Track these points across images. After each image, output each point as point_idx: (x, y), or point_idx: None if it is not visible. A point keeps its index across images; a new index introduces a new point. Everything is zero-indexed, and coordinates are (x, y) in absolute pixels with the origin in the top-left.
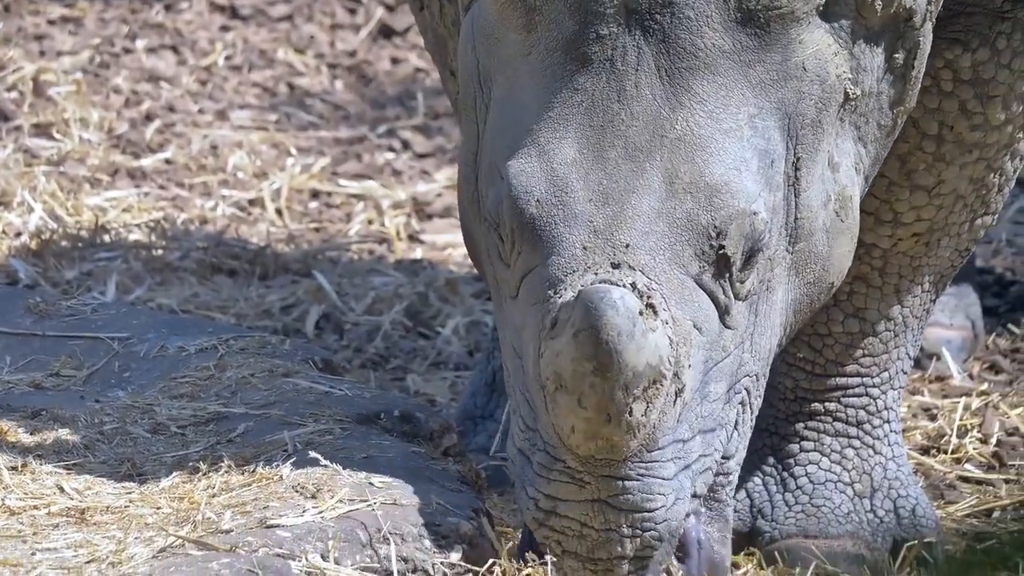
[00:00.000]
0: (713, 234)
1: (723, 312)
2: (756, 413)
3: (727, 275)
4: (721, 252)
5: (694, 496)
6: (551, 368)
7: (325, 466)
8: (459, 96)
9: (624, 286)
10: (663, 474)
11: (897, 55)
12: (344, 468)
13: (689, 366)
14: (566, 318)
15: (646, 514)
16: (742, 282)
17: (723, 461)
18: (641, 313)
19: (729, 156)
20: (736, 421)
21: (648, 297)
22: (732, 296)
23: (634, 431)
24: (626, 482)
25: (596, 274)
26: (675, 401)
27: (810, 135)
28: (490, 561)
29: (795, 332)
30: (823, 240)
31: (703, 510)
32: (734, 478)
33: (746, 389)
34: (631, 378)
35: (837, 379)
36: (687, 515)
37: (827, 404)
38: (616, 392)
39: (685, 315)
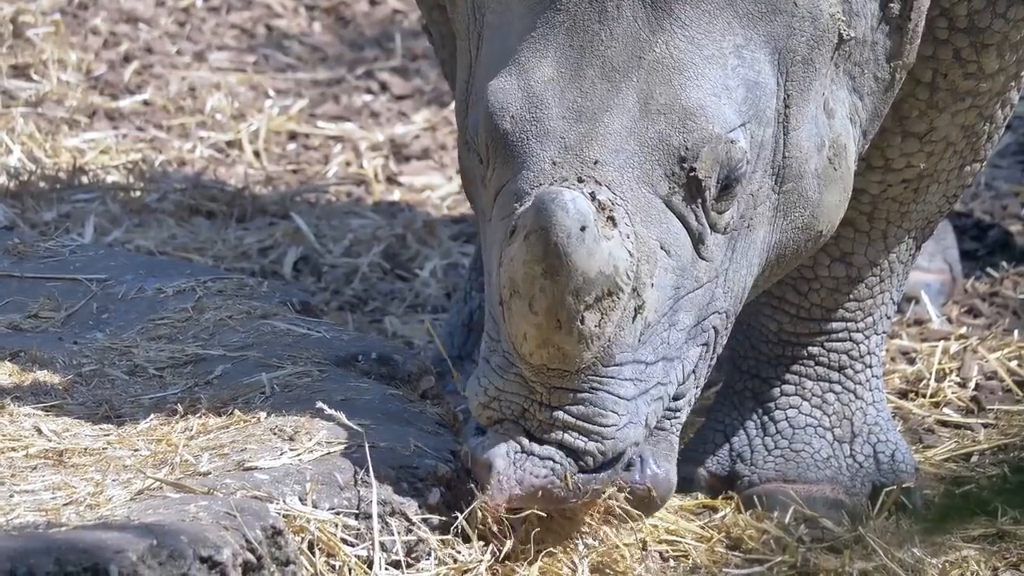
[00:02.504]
0: (684, 155)
1: (697, 240)
2: (719, 351)
3: (700, 201)
4: (692, 175)
5: (644, 426)
6: (506, 274)
7: (303, 409)
8: (458, 25)
9: (580, 191)
10: (619, 392)
11: (892, 4)
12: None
13: (652, 284)
14: (522, 223)
15: (596, 427)
16: (720, 212)
17: (673, 398)
18: (595, 218)
19: (708, 81)
20: (697, 360)
21: (610, 210)
22: (707, 225)
23: (587, 341)
24: (578, 394)
25: (562, 185)
26: (634, 318)
27: (801, 72)
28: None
29: (778, 277)
30: (814, 186)
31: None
32: (683, 416)
33: (713, 327)
34: (581, 283)
35: (821, 323)
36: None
37: (810, 348)
38: (566, 296)
39: (651, 234)
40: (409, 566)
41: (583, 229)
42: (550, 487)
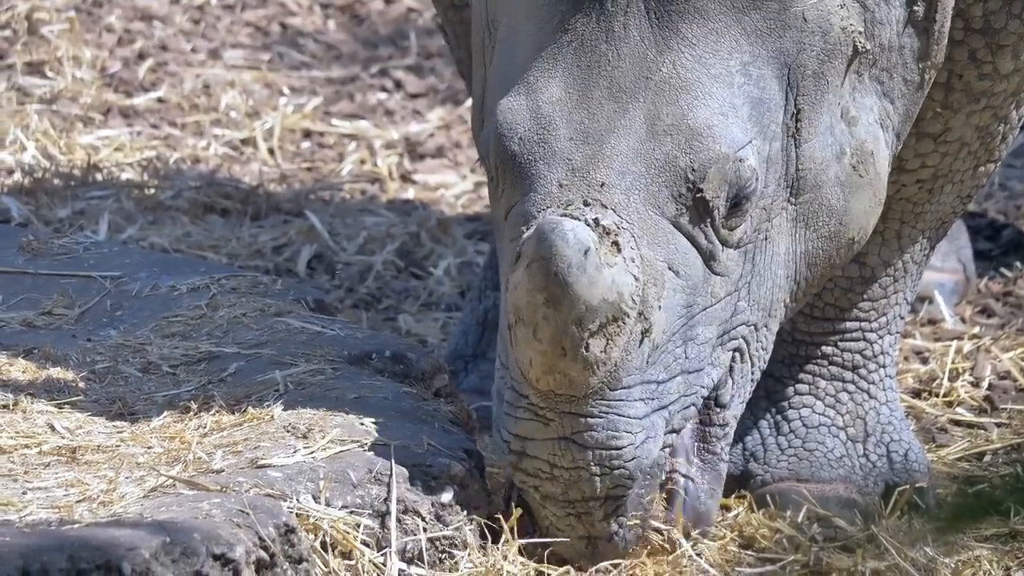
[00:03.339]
0: (690, 177)
1: (708, 257)
2: (760, 365)
3: (708, 220)
4: (699, 196)
5: (672, 431)
6: (511, 301)
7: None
8: (472, 39)
9: (582, 220)
10: (629, 412)
11: (917, 7)
12: (334, 408)
13: (660, 307)
14: (525, 251)
15: (613, 451)
16: (731, 229)
17: (718, 411)
18: (596, 247)
19: (715, 101)
20: (731, 368)
21: (614, 235)
22: (718, 242)
23: (592, 367)
24: (589, 419)
25: (565, 210)
26: (641, 341)
27: (812, 86)
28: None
29: (816, 287)
30: (837, 194)
31: (695, 460)
32: (730, 431)
33: (743, 338)
34: (584, 312)
35: (835, 323)
36: (665, 447)
37: (824, 348)
38: (569, 326)
39: (657, 256)
40: (422, 564)
41: (585, 257)
42: (626, 544)
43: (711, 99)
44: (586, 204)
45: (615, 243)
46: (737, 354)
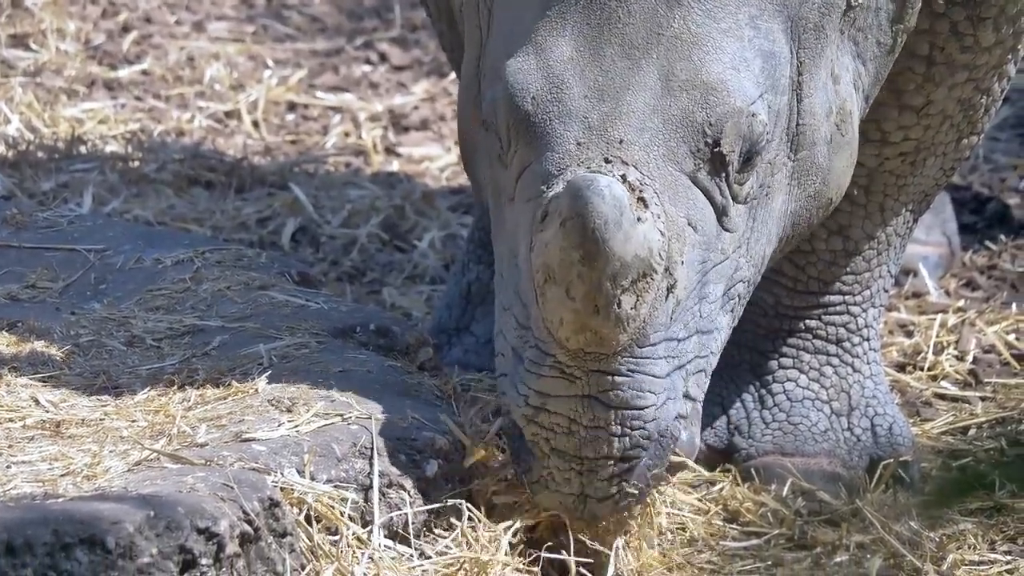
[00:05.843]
0: (708, 132)
1: (720, 213)
2: (736, 321)
3: (723, 175)
4: (716, 150)
5: (687, 397)
6: (541, 260)
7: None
8: (464, 3)
9: (613, 176)
10: (655, 371)
11: None
12: (319, 382)
13: (682, 262)
14: (555, 209)
15: (635, 411)
16: (741, 184)
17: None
18: (630, 204)
19: (727, 55)
20: (727, 329)
21: (640, 191)
22: (730, 197)
23: (623, 324)
24: (616, 377)
25: (589, 168)
26: (667, 297)
27: (813, 40)
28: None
29: (792, 246)
30: (824, 152)
31: None
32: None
33: (738, 295)
34: (619, 268)
35: (819, 296)
36: (682, 417)
37: (808, 321)
38: (603, 282)
39: (679, 211)
40: (406, 538)
41: (620, 214)
42: (620, 507)
43: (723, 53)
44: (607, 161)
45: (641, 199)
46: (731, 314)
